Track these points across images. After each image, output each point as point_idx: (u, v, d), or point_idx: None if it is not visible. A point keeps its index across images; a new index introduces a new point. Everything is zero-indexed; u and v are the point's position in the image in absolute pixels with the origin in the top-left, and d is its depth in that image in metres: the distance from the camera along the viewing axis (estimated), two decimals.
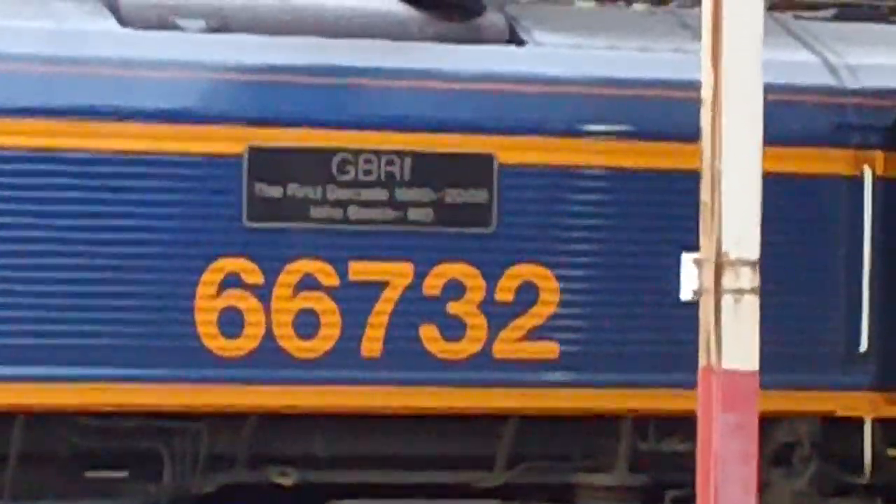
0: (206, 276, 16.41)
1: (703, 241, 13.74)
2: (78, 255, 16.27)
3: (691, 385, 13.82)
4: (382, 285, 16.78)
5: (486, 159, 16.96)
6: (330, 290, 16.66)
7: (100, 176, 16.35)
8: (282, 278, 16.56)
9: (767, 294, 13.80)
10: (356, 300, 16.73)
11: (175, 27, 16.88)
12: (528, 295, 17.05)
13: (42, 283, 16.13)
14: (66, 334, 16.11)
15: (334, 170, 16.66)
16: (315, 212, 16.66)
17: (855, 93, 17.76)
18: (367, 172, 16.73)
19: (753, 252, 13.63)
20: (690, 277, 13.92)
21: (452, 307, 16.90)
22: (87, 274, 16.22)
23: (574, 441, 17.39)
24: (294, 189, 16.60)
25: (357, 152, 16.70)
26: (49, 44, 16.49)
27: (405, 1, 18.18)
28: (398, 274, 16.83)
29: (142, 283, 16.36)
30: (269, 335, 16.52)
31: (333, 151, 16.68)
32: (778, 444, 16.73)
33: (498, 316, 16.99)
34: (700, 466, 13.76)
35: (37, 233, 16.18)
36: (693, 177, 14.00)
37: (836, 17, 20.72)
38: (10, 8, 16.87)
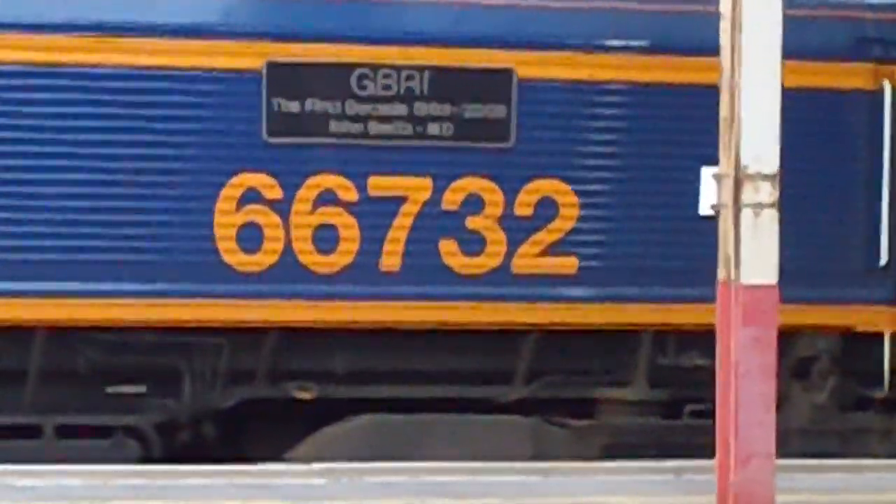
0: (225, 192, 16.49)
1: (722, 155, 13.84)
2: (98, 171, 16.40)
3: (710, 299, 13.88)
4: (401, 200, 16.83)
5: (506, 74, 16.99)
6: (349, 205, 16.72)
7: (121, 91, 16.47)
8: (301, 193, 16.64)
9: (787, 208, 13.86)
10: (375, 215, 16.81)
11: None
12: (547, 210, 17.09)
13: (62, 198, 16.26)
14: (86, 249, 16.25)
15: (353, 85, 16.70)
16: (334, 127, 16.72)
17: (874, 7, 17.78)
18: (386, 87, 16.77)
19: (773, 166, 13.75)
20: (710, 192, 14.07)
21: (471, 222, 16.97)
22: (107, 189, 16.35)
23: (593, 355, 17.45)
24: (313, 104, 16.65)
25: (376, 67, 16.75)
26: None
27: None
28: (417, 188, 16.90)
29: (161, 198, 16.49)
30: (288, 250, 16.64)
31: (352, 66, 16.72)
32: (797, 359, 16.75)
33: (517, 231, 17.04)
34: (719, 380, 13.87)
35: (57, 148, 16.32)
36: (712, 91, 13.95)
37: None
38: None
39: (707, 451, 13.97)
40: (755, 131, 13.68)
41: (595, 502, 14.50)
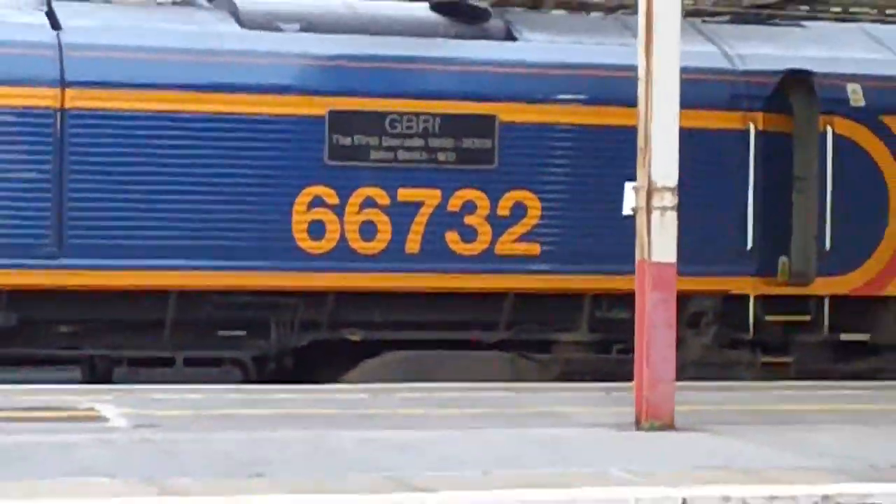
0: (299, 199, 16.63)
1: (638, 174, 13.96)
2: (219, 186, 16.48)
3: (631, 272, 13.98)
4: (420, 204, 16.98)
5: (491, 118, 17.08)
6: (384, 208, 16.85)
7: (233, 130, 16.53)
8: (351, 199, 16.75)
9: (683, 211, 13.95)
10: (402, 215, 16.92)
11: (278, 29, 17.12)
12: (519, 211, 17.19)
13: (195, 204, 16.31)
14: (207, 238, 16.40)
15: (386, 126, 16.83)
16: (373, 154, 16.86)
17: (743, 73, 17.79)
18: (409, 128, 16.88)
19: (673, 181, 13.88)
20: (630, 199, 14.24)
21: (467, 219, 17.10)
22: (225, 198, 16.42)
23: (551, 311, 17.58)
24: (359, 139, 16.78)
25: (402, 114, 16.85)
26: (196, 39, 16.75)
27: (434, 10, 18.46)
28: (430, 197, 17.02)
29: (260, 203, 16.60)
30: (342, 239, 16.78)
31: (385, 113, 16.83)
32: (690, 313, 16.73)
33: (498, 226, 17.15)
34: (637, 328, 13.94)
35: (197, 170, 16.41)
36: (632, 130, 13.96)
37: (730, 21, 20.84)
38: (168, 16, 17.26)
39: (629, 377, 14.06)
40: (661, 157, 13.83)
41: (552, 411, 14.62)
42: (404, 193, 16.98)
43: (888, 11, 23.60)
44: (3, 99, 15.87)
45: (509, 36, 17.97)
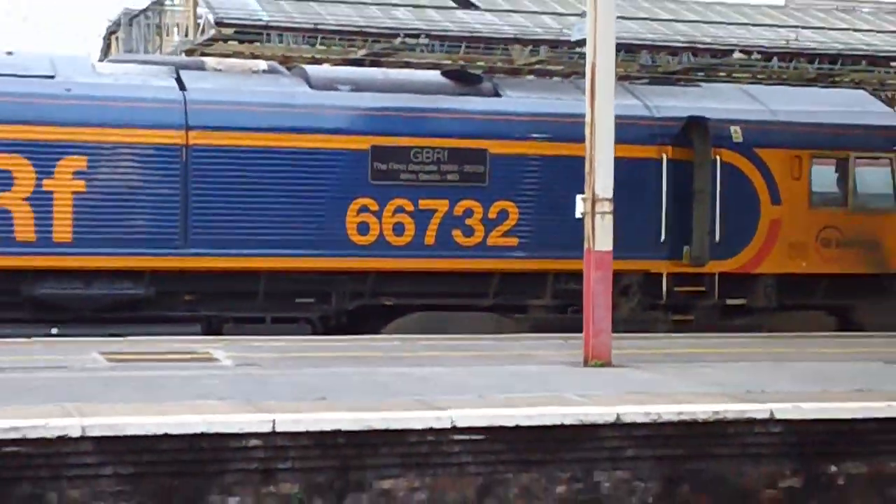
0: (351, 206, 16.52)
1: (586, 189, 13.87)
2: (298, 197, 16.39)
3: (581, 257, 14.02)
4: (434, 211, 16.84)
5: (483, 151, 17.01)
6: (409, 213, 16.73)
7: (308, 160, 16.46)
8: (387, 207, 16.63)
9: (617, 214, 13.91)
10: (422, 218, 16.78)
11: (336, 89, 17.06)
12: (503, 215, 17.07)
13: (280, 210, 16.22)
14: (288, 234, 16.33)
15: (411, 156, 16.73)
16: (402, 176, 16.72)
17: (658, 119, 17.78)
18: (428, 157, 16.78)
19: (610, 194, 13.80)
20: (580, 206, 14.18)
21: (467, 221, 16.96)
22: (301, 206, 16.37)
23: (526, 283, 17.42)
24: (392, 165, 16.67)
25: (422, 147, 16.75)
26: (275, 97, 16.70)
27: (443, 76, 18.50)
28: (441, 205, 16.87)
29: (324, 209, 16.50)
30: (380, 234, 16.66)
31: (410, 147, 16.73)
32: (622, 286, 16.49)
33: (489, 225, 17.01)
34: (585, 296, 14.03)
35: (280, 187, 16.32)
36: (581, 159, 13.98)
37: (649, 82, 20.78)
38: (261, 80, 17.18)
39: (579, 329, 14.04)
40: (601, 178, 13.82)
41: (525, 354, 14.57)
42: (423, 203, 16.85)
43: (759, 76, 23.66)
44: (148, 138, 15.87)
45: (496, 93, 17.86)
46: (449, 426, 10.17)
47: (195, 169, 16.04)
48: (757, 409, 11.03)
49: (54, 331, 15.47)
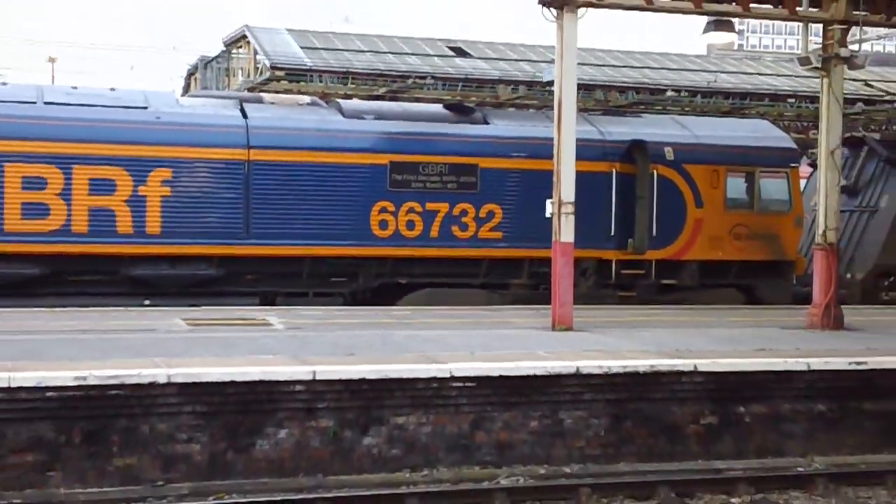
0: (374, 207, 16.35)
1: (554, 195, 13.83)
2: (333, 200, 16.24)
3: (550, 247, 13.94)
4: (437, 211, 16.64)
5: (475, 165, 16.83)
6: (419, 213, 16.54)
7: (339, 172, 16.30)
8: (401, 208, 16.45)
9: (577, 214, 13.87)
10: (429, 216, 16.57)
11: (363, 118, 16.91)
12: (491, 215, 16.88)
13: (320, 210, 16.14)
14: (326, 227, 16.15)
15: (420, 169, 16.55)
16: (413, 185, 16.54)
17: (609, 141, 17.64)
18: (433, 170, 16.60)
19: (572, 199, 13.73)
20: (549, 208, 14.02)
21: (463, 219, 16.75)
22: (336, 206, 16.18)
23: (508, 267, 17.26)
24: (406, 176, 16.50)
25: (429, 163, 16.59)
26: (316, 124, 16.54)
27: (445, 108, 18.35)
28: (443, 207, 16.69)
29: (353, 210, 16.30)
30: (397, 229, 16.46)
31: (419, 162, 16.56)
32: (581, 269, 16.39)
33: (480, 222, 16.83)
34: (553, 277, 13.97)
35: (319, 192, 16.17)
36: (551, 172, 13.96)
37: (603, 113, 20.59)
38: (304, 111, 17.00)
39: (548, 302, 14.05)
40: (566, 186, 13.78)
41: (507, 321, 14.53)
42: (429, 205, 16.68)
43: (686, 109, 23.61)
44: (219, 155, 15.79)
45: (485, 121, 17.70)
46: (448, 376, 10.24)
47: (254, 179, 15.93)
48: (684, 364, 11.05)
49: (146, 302, 15.49)
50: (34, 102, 15.47)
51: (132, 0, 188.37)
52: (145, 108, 15.93)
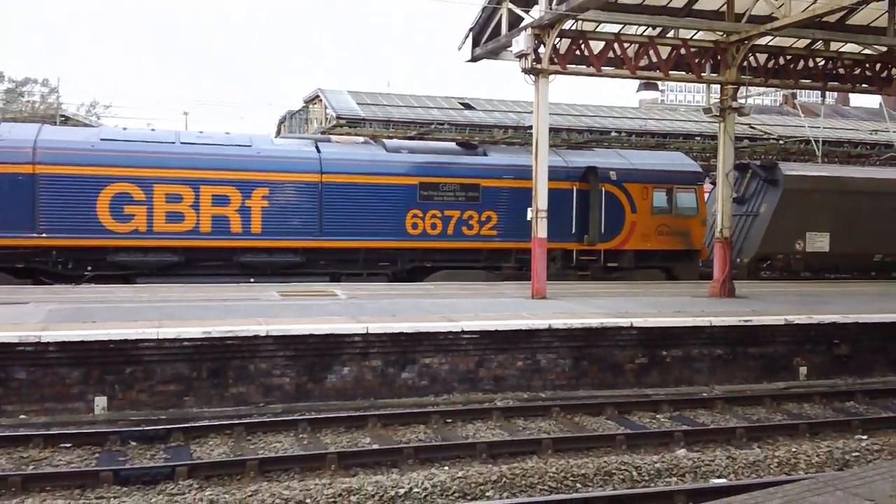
0: (408, 214, 16.14)
1: (533, 204, 13.68)
2: (381, 210, 15.98)
3: (529, 241, 13.79)
4: (452, 216, 16.38)
5: (478, 185, 16.56)
6: (439, 217, 16.29)
7: (383, 190, 15.95)
8: (427, 214, 16.23)
9: (549, 218, 13.71)
10: (446, 220, 16.32)
11: (400, 152, 16.61)
12: (489, 219, 16.61)
13: (366, 213, 15.86)
14: (374, 228, 15.91)
15: (440, 188, 16.31)
16: (436, 197, 16.29)
17: (571, 167, 17.33)
18: (449, 188, 16.33)
19: (545, 207, 13.56)
20: (530, 214, 13.93)
21: (470, 222, 16.50)
22: (382, 215, 15.91)
23: (501, 255, 16.91)
24: (431, 193, 16.25)
25: (446, 183, 16.35)
26: (367, 156, 16.26)
27: (457, 145, 17.94)
28: (456, 214, 16.44)
29: (394, 215, 16.06)
30: (424, 229, 16.23)
31: (440, 183, 16.31)
32: (552, 257, 15.97)
33: (482, 224, 16.55)
34: (532, 262, 13.77)
35: (369, 205, 15.88)
36: (530, 189, 13.78)
37: (567, 147, 20.50)
38: (360, 147, 16.75)
39: (529, 279, 13.97)
40: (541, 199, 13.65)
41: (501, 292, 14.43)
42: (447, 212, 16.43)
43: (625, 145, 23.46)
44: (301, 178, 15.58)
45: (484, 154, 17.41)
46: (460, 330, 10.21)
47: (326, 194, 15.78)
48: (624, 322, 10.99)
49: (252, 280, 15.44)
50: (173, 142, 15.48)
51: (238, 66, 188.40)
52: (250, 146, 15.87)
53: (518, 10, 14.42)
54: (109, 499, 6.15)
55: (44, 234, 14.21)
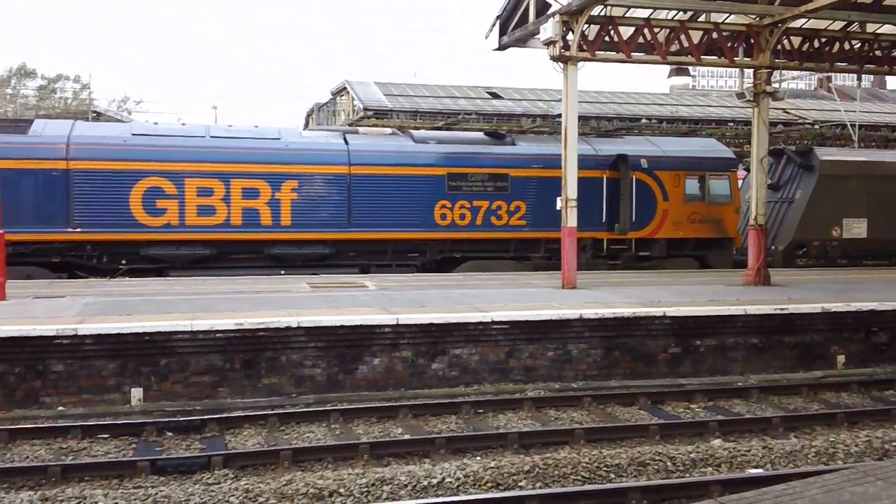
0: (437, 205, 16.10)
1: (562, 193, 13.59)
2: (410, 201, 15.97)
3: (560, 230, 13.67)
4: (481, 206, 16.33)
5: (507, 174, 16.48)
6: (468, 208, 16.23)
7: (413, 180, 16.00)
8: (456, 205, 16.17)
9: (579, 207, 13.62)
10: (475, 210, 16.28)
11: (428, 143, 16.59)
12: (518, 209, 16.51)
13: (405, 206, 15.92)
14: (403, 219, 15.93)
15: (468, 178, 16.26)
16: (464, 188, 16.22)
17: (601, 156, 17.21)
18: (477, 179, 16.28)
19: (575, 196, 13.52)
20: (559, 203, 13.85)
21: (499, 212, 16.43)
22: (411, 206, 15.95)
23: (530, 245, 16.84)
24: (459, 183, 16.21)
25: (475, 173, 16.28)
26: (395, 147, 16.29)
27: (486, 135, 17.87)
28: (485, 204, 16.36)
29: (423, 206, 16.06)
30: (453, 220, 16.18)
31: (468, 173, 16.29)
32: (581, 246, 15.98)
33: (511, 214, 16.47)
34: (562, 251, 13.70)
35: (398, 195, 15.90)
36: (560, 178, 13.69)
37: (597, 136, 20.36)
38: (388, 139, 16.79)
39: (559, 269, 13.92)
40: (571, 187, 13.57)
41: (531, 282, 14.42)
42: (475, 203, 16.38)
43: (656, 132, 23.22)
44: (329, 170, 15.61)
45: (513, 143, 17.34)
46: (490, 321, 10.19)
47: (354, 186, 15.82)
48: (656, 311, 10.90)
49: (282, 272, 15.56)
50: (203, 136, 15.63)
51: (265, 60, 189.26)
52: (278, 138, 15.94)
53: None
54: (147, 488, 6.23)
55: (78, 229, 14.46)
